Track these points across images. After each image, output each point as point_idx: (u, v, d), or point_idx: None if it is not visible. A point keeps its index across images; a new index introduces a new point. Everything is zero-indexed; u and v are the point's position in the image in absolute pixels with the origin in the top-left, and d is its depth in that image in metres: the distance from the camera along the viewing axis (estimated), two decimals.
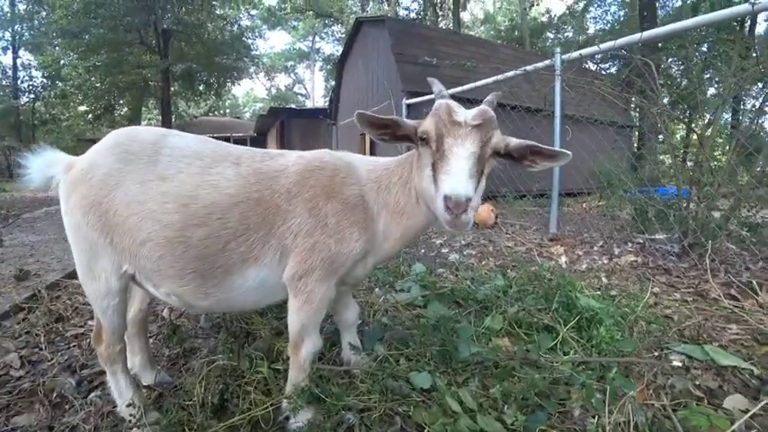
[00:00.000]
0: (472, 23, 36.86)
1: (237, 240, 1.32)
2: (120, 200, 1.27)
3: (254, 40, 26.18)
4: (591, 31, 24.64)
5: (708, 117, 3.93)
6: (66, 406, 1.59)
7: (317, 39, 43.38)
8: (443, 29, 20.35)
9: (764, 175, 3.59)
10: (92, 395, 1.63)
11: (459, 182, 1.12)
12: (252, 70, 27.12)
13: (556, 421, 1.41)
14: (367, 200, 1.44)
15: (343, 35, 33.72)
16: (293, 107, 27.87)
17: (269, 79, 46.01)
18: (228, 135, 27.02)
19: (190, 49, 19.68)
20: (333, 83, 21.13)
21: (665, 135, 4.31)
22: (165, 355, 1.92)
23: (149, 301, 1.67)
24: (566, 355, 1.77)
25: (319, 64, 44.70)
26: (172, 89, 20.46)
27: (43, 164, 1.38)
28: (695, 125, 4.10)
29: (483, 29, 36.72)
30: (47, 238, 5.10)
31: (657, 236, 3.98)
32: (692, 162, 3.85)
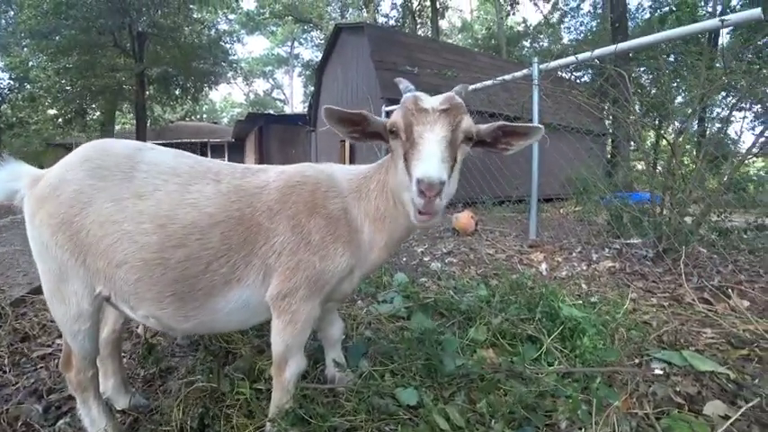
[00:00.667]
0: (450, 31, 37.40)
1: (219, 261, 1.26)
2: (94, 219, 1.20)
3: (232, 44, 25.81)
4: (565, 41, 25.32)
5: (678, 125, 4.07)
6: None
7: (295, 44, 43.19)
8: (422, 36, 20.56)
9: (731, 182, 3.73)
10: (60, 422, 1.54)
11: (431, 164, 1.09)
12: (230, 75, 26.70)
13: None
14: (350, 211, 1.41)
15: (323, 41, 33.72)
16: (272, 113, 27.55)
17: (247, 84, 45.46)
18: (206, 141, 26.59)
19: (166, 52, 19.20)
20: (312, 89, 21.05)
21: (638, 143, 4.45)
22: (141, 376, 1.83)
23: (123, 320, 1.59)
24: (550, 365, 1.77)
25: (298, 69, 44.47)
26: (147, 93, 19.91)
27: (6, 177, 1.29)
28: (665, 132, 4.25)
29: (460, 36, 37.33)
30: (12, 249, 4.84)
31: (633, 240, 4.09)
32: (661, 168, 3.98)
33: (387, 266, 3.33)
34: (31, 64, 17.41)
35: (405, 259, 3.91)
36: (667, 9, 15.75)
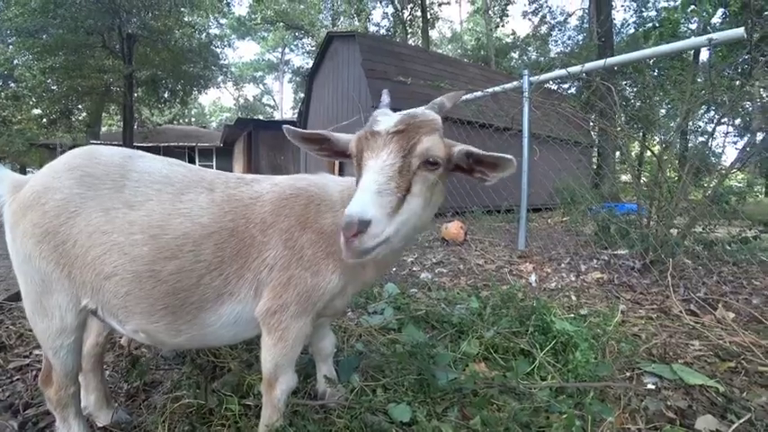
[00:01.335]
0: (440, 41, 37.90)
1: (211, 274, 1.22)
2: (81, 229, 1.15)
3: (223, 48, 25.74)
4: (552, 54, 25.84)
5: (664, 138, 4.16)
6: None
7: (286, 50, 43.24)
8: (413, 46, 20.74)
9: (716, 194, 3.81)
10: None
11: (357, 200, 0.96)
12: (219, 79, 26.60)
13: None
14: None
15: (313, 48, 33.85)
16: (261, 118, 27.46)
17: (237, 89, 45.22)
18: (194, 145, 26.28)
19: (155, 55, 18.99)
20: (302, 95, 21.02)
21: (625, 155, 4.53)
22: (123, 390, 1.76)
23: (107, 333, 1.53)
24: (543, 380, 1.76)
25: (288, 76, 44.45)
26: (135, 95, 19.66)
27: None
28: (650, 144, 4.34)
29: (450, 47, 37.84)
30: None
31: (620, 251, 4.14)
32: (645, 179, 4.05)
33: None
34: (16, 62, 17.02)
35: (395, 269, 3.89)
36: (651, 25, 16.21)
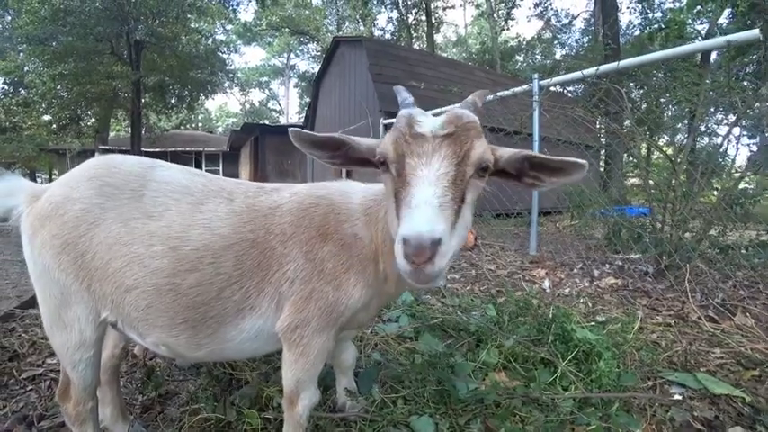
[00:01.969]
0: (445, 45, 37.98)
1: (232, 288, 1.18)
2: (101, 241, 1.12)
3: (229, 54, 25.97)
4: (557, 56, 25.82)
5: (678, 141, 4.11)
6: None
7: (292, 56, 43.51)
8: (419, 50, 20.80)
9: (731, 197, 3.74)
10: None
11: (422, 217, 0.83)
12: (226, 85, 26.70)
13: None
14: (361, 237, 1.25)
15: (319, 53, 34.06)
16: (267, 123, 27.52)
17: (243, 94, 45.41)
18: (201, 150, 26.47)
19: (163, 61, 19.15)
20: (308, 100, 21.09)
21: (637, 158, 4.48)
22: (139, 402, 1.74)
23: (123, 344, 1.51)
24: (565, 390, 1.72)
25: (294, 81, 44.74)
26: (143, 101, 19.82)
27: (1, 192, 1.21)
28: (665, 147, 4.28)
29: (455, 50, 37.86)
30: (2, 258, 4.72)
31: (632, 255, 4.08)
32: (658, 183, 3.98)
33: None
34: (26, 69, 17.23)
35: None
36: (657, 26, 16.10)
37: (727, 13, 13.43)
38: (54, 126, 19.36)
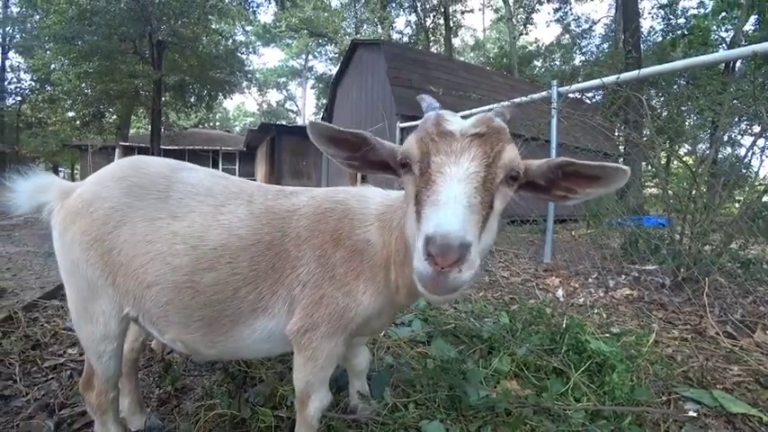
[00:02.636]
0: (462, 49, 37.89)
1: (247, 288, 1.20)
2: (127, 238, 1.16)
3: (248, 55, 26.40)
4: (576, 62, 25.52)
5: (698, 150, 4.03)
6: None
7: (309, 57, 43.91)
8: (438, 54, 20.79)
9: (754, 211, 3.65)
10: None
11: (450, 214, 0.76)
12: (244, 85, 27.15)
13: None
14: (373, 243, 1.23)
15: (336, 55, 34.33)
16: (284, 124, 27.81)
17: (261, 94, 46.14)
18: (218, 148, 26.86)
19: (184, 61, 19.58)
20: (324, 101, 21.24)
21: (657, 168, 4.40)
22: (155, 395, 1.78)
23: (142, 338, 1.56)
24: (577, 401, 1.71)
25: (311, 82, 45.21)
26: (163, 99, 20.25)
27: (34, 188, 1.25)
28: (680, 155, 4.20)
29: (473, 55, 37.73)
30: (25, 249, 4.85)
31: (648, 266, 4.01)
32: (677, 193, 3.91)
33: None
34: (53, 67, 17.81)
35: None
36: (679, 33, 15.78)
37: (753, 20, 13.14)
38: (78, 122, 19.91)
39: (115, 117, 21.49)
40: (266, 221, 1.25)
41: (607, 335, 2.38)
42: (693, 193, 3.61)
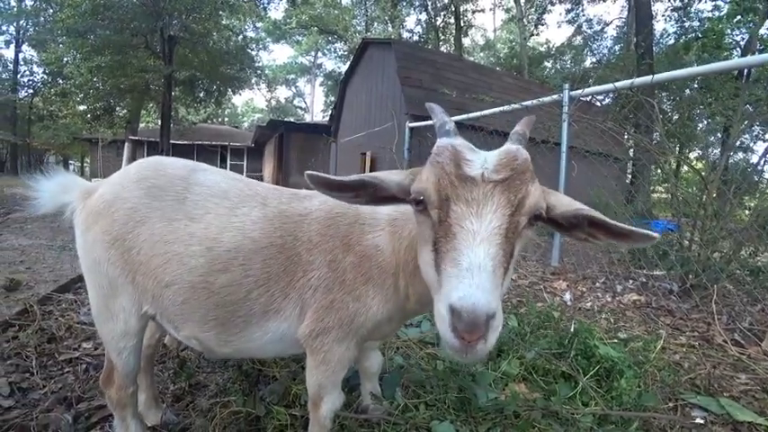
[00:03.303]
0: (473, 49, 37.68)
1: (259, 290, 1.22)
2: (145, 238, 1.20)
3: (258, 51, 26.44)
4: (587, 63, 25.32)
5: (710, 156, 4.00)
6: None
7: (319, 54, 43.92)
8: (447, 54, 20.69)
9: (765, 219, 3.63)
10: None
11: (476, 285, 0.71)
12: (254, 81, 27.24)
13: None
14: (382, 249, 1.23)
15: (346, 52, 34.31)
16: (293, 121, 27.84)
17: (269, 91, 46.30)
18: (226, 144, 26.98)
19: (194, 56, 19.64)
20: (333, 98, 21.26)
21: (668, 173, 4.38)
22: (170, 391, 1.82)
23: (159, 335, 1.59)
24: (585, 405, 1.72)
25: (320, 79, 45.24)
26: (173, 94, 20.36)
27: (57, 188, 1.30)
28: (690, 160, 4.17)
29: (483, 55, 37.51)
30: (38, 242, 4.90)
31: (656, 272, 4.00)
32: (687, 199, 3.88)
33: None
34: (65, 60, 17.98)
35: None
36: (693, 36, 15.58)
37: None
38: (88, 116, 20.12)
39: (125, 111, 21.66)
40: (279, 225, 1.27)
41: (615, 340, 2.39)
42: (704, 199, 3.59)
